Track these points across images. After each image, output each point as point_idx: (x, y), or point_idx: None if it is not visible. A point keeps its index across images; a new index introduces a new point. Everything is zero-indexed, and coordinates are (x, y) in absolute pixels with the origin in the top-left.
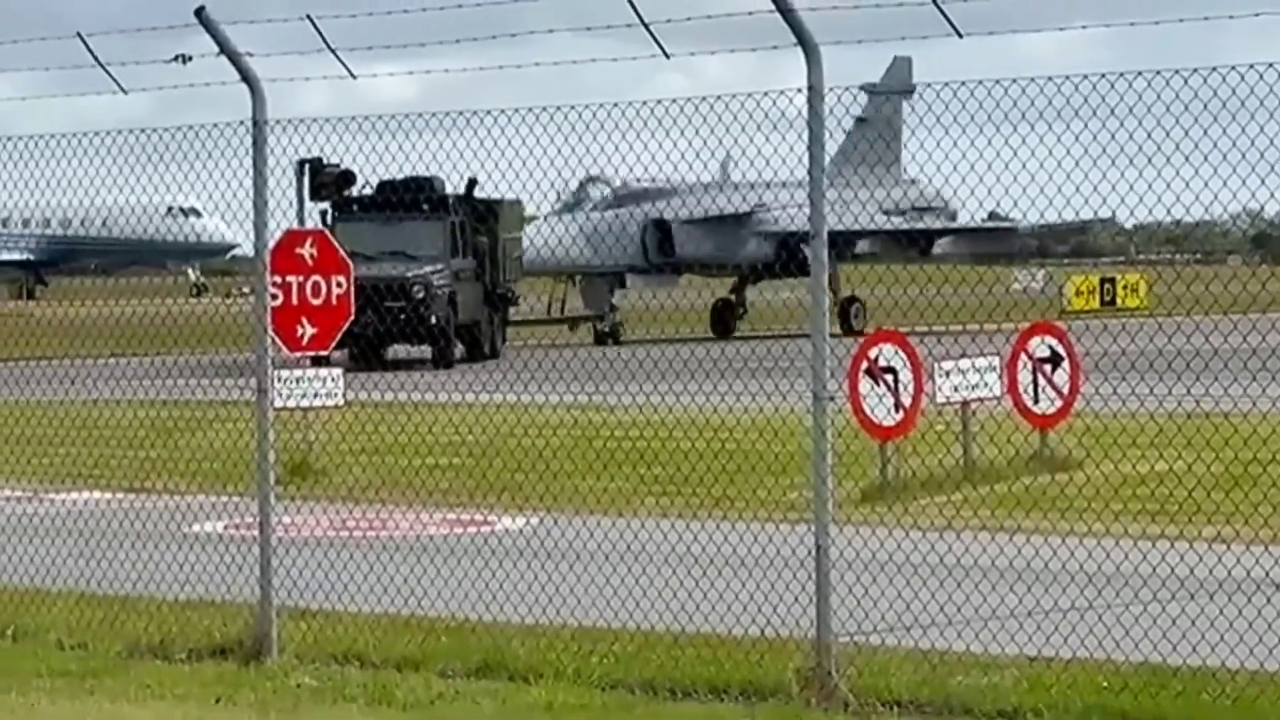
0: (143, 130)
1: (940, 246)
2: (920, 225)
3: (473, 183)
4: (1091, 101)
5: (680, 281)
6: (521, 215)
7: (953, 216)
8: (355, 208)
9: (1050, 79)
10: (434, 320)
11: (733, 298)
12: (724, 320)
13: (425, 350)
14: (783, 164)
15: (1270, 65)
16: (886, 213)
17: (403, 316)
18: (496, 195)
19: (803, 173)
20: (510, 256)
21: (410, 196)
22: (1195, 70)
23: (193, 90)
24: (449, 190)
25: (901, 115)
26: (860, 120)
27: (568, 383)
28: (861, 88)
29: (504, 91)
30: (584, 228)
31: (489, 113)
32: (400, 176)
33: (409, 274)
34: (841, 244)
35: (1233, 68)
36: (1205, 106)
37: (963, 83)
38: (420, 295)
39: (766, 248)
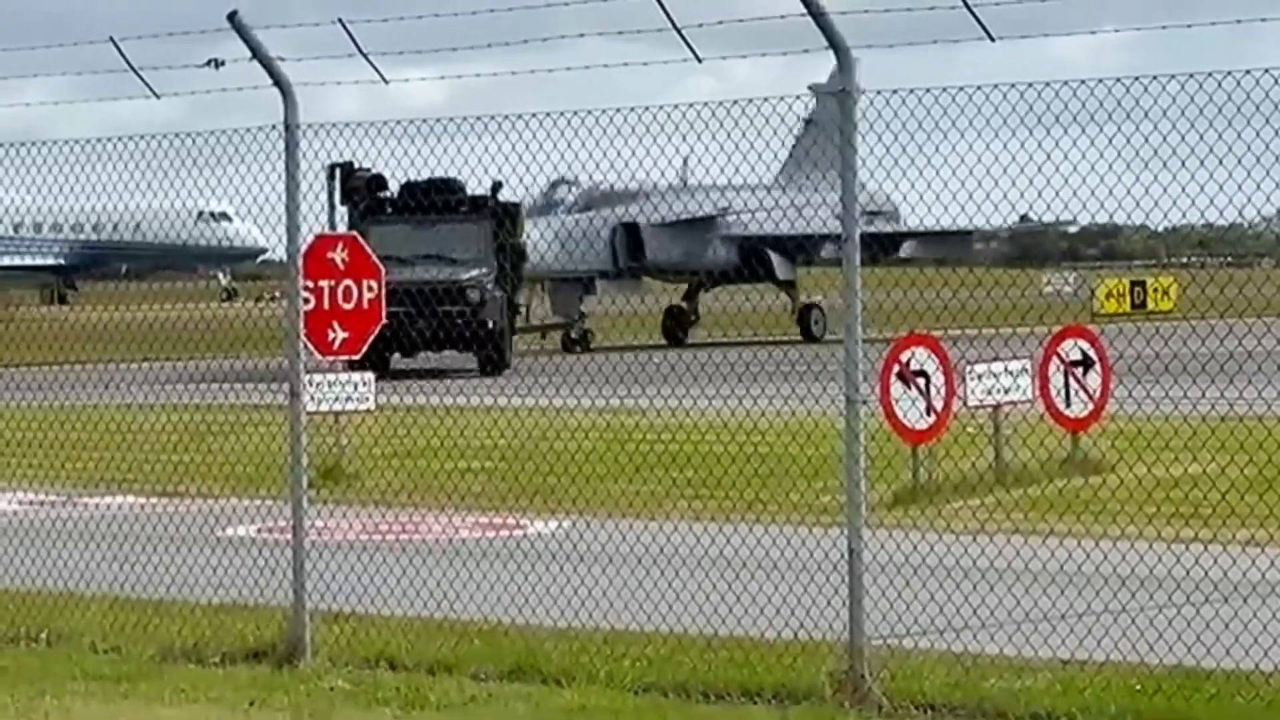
0: (174, 135)
1: (906, 250)
2: (874, 229)
3: (497, 186)
4: (1125, 105)
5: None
6: (523, 220)
7: (900, 220)
8: (385, 210)
9: (1084, 82)
10: (491, 324)
11: (684, 305)
12: (677, 327)
13: (443, 358)
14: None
15: None
16: (838, 218)
17: (460, 321)
18: (514, 199)
19: (765, 174)
20: (520, 262)
21: (442, 199)
22: (1229, 73)
23: (225, 95)
24: (470, 193)
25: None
26: (808, 122)
27: (599, 386)
28: (810, 88)
29: (534, 96)
30: (557, 232)
31: (519, 116)
32: (421, 179)
33: (463, 276)
34: (809, 249)
35: (1266, 70)
36: (1239, 109)
37: (995, 86)
38: (476, 299)
39: (730, 252)
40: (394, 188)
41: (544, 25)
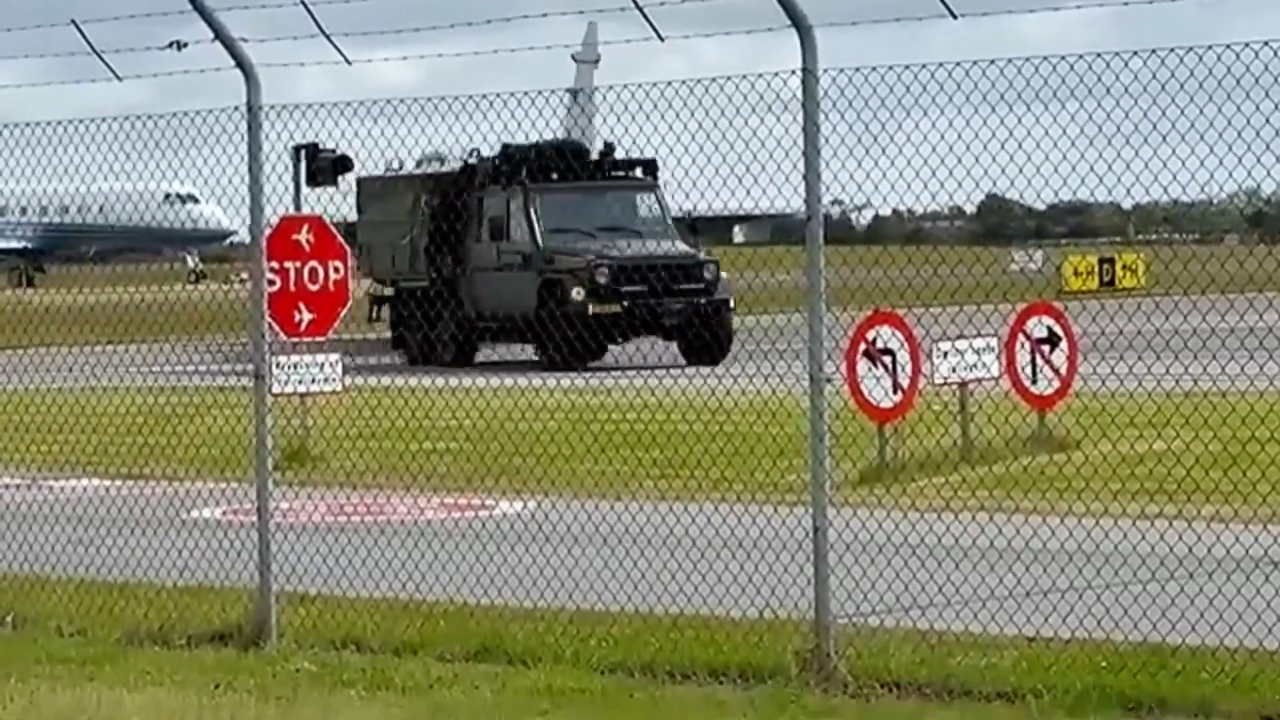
0: (139, 117)
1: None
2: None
3: (610, 147)
4: (1087, 81)
5: None
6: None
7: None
8: (547, 177)
9: (1045, 58)
10: (728, 305)
11: None
12: None
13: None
14: (777, 146)
15: (1266, 43)
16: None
17: (696, 302)
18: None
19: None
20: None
21: (607, 162)
22: (1190, 49)
23: (195, 77)
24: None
25: (592, 83)
26: (572, 92)
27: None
28: (574, 57)
29: (504, 76)
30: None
31: (484, 96)
32: (545, 140)
33: (689, 251)
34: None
35: (1227, 46)
36: (1201, 85)
37: (957, 63)
38: (711, 276)
39: None
40: (409, 164)
41: (511, 5)
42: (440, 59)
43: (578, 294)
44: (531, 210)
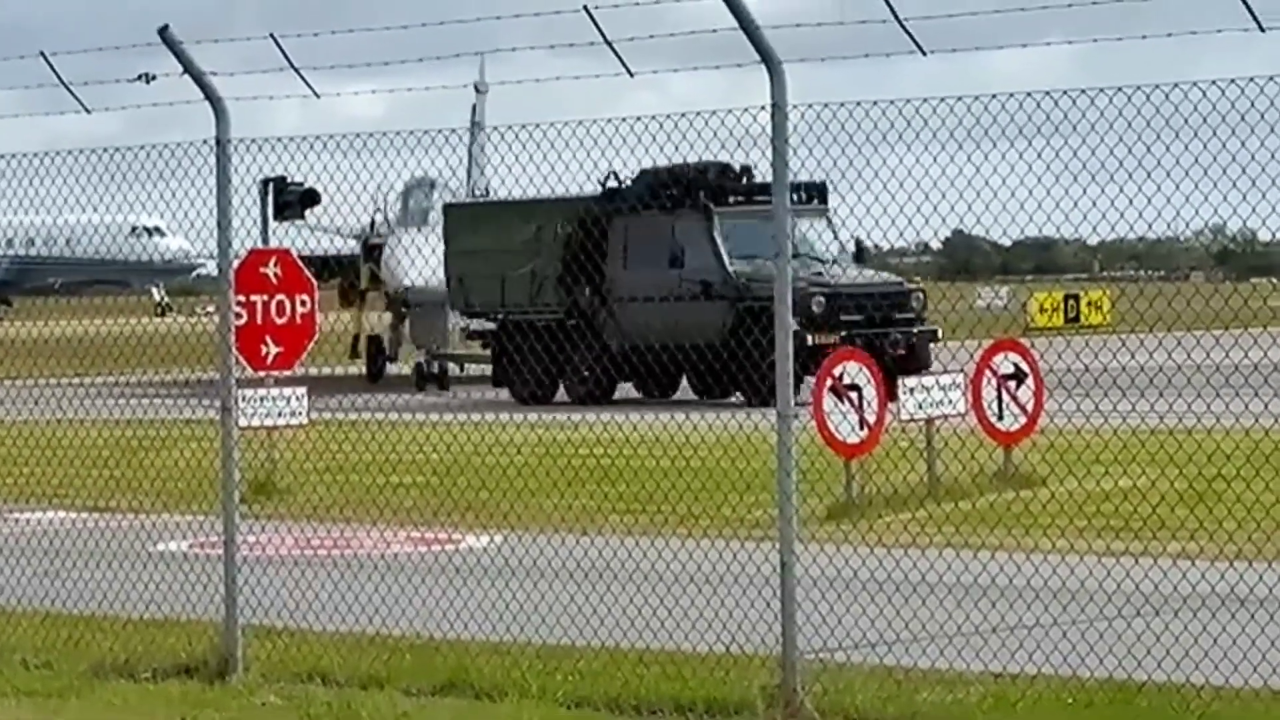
0: (105, 150)
1: None
2: None
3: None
4: (1054, 119)
5: None
6: None
7: None
8: (726, 200)
9: (1012, 95)
10: (934, 336)
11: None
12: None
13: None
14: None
15: (1233, 81)
16: None
17: (903, 335)
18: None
19: None
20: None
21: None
22: (1156, 86)
23: (165, 109)
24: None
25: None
26: (476, 124)
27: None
28: (475, 86)
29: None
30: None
31: (454, 130)
32: (691, 161)
33: (903, 281)
34: None
35: (1194, 84)
36: (1167, 122)
37: (925, 99)
38: (919, 306)
39: None
40: (451, 195)
41: (481, 39)
42: (409, 93)
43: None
44: (715, 235)
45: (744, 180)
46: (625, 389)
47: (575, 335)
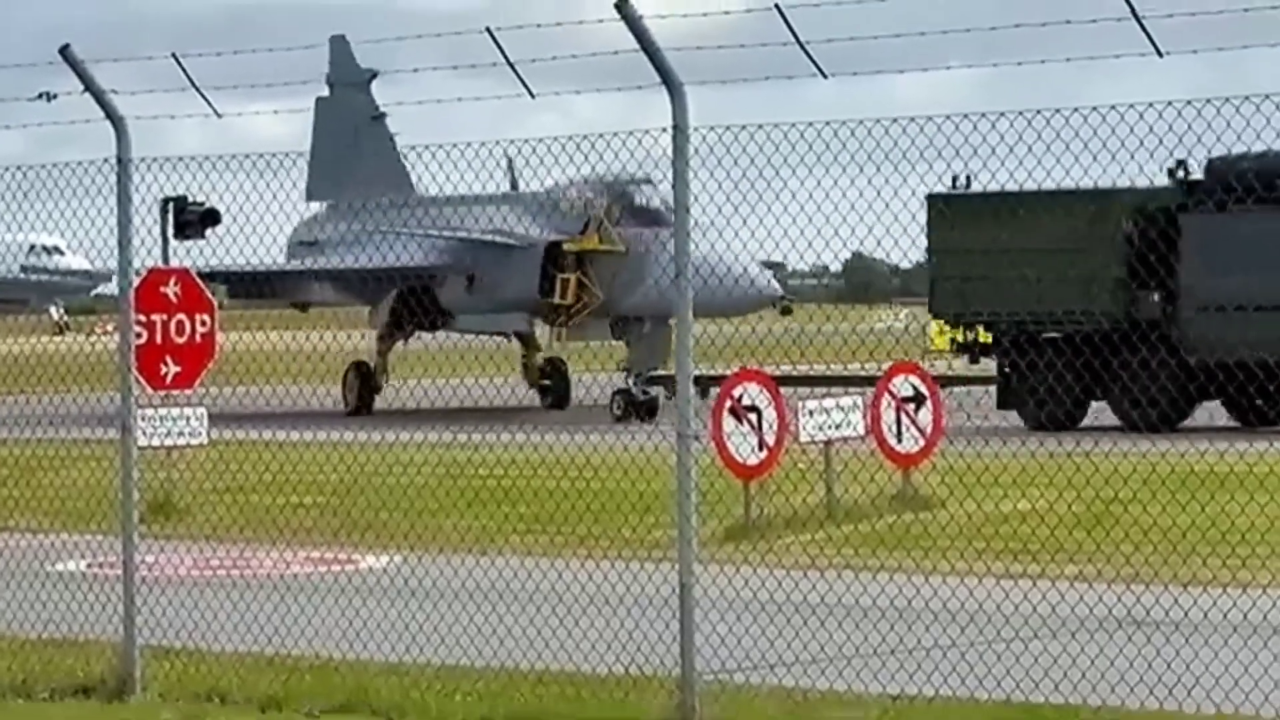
0: (5, 168)
1: None
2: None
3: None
4: (954, 142)
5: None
6: None
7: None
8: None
9: (913, 119)
10: None
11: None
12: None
13: None
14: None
15: (1131, 106)
16: None
17: None
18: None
19: None
20: None
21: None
22: (1057, 111)
23: (63, 128)
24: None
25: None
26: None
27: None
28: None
29: None
30: None
31: None
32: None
33: None
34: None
35: (1094, 108)
36: (1068, 147)
37: (826, 123)
38: None
39: None
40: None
41: (380, 60)
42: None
43: None
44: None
45: None
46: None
47: (1146, 348)
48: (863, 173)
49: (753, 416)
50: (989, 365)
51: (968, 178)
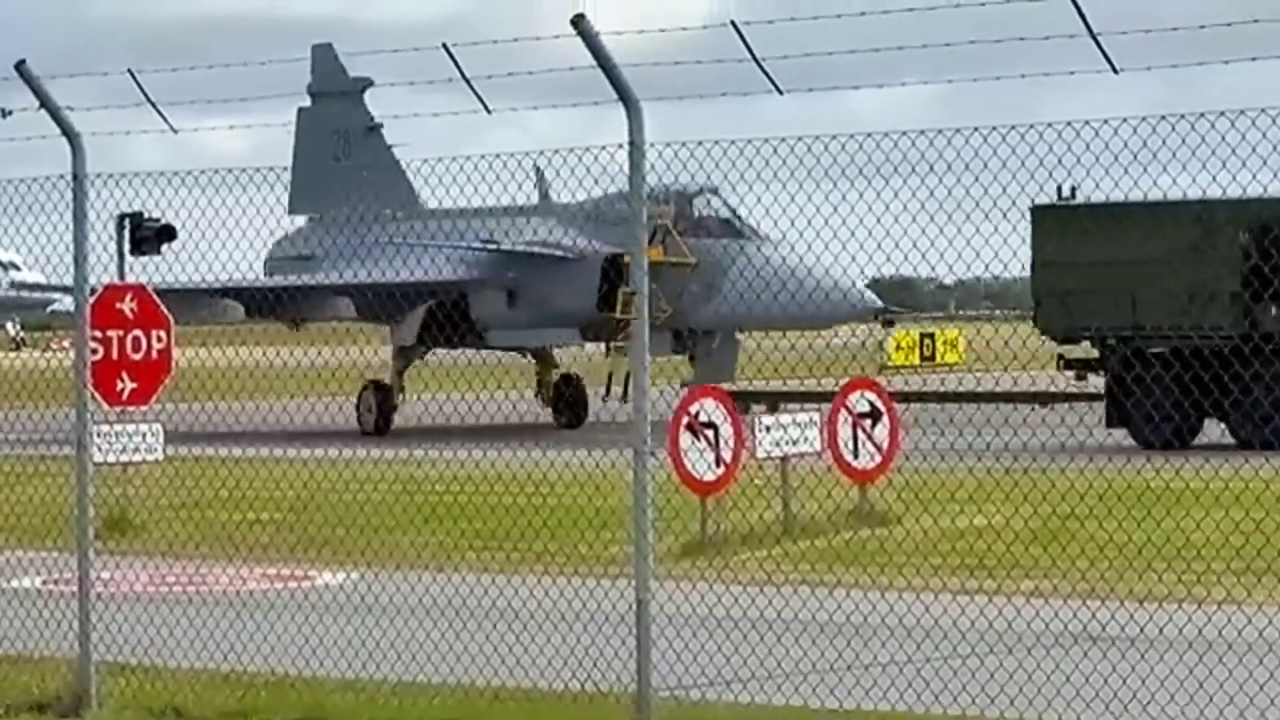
0: None
1: None
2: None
3: None
4: (910, 158)
5: None
6: None
7: None
8: None
9: (869, 134)
10: None
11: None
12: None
13: None
14: None
15: (1087, 123)
16: None
17: None
18: None
19: None
20: None
21: None
22: (1013, 127)
23: (19, 144)
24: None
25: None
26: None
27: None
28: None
29: None
30: None
31: None
32: None
33: None
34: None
35: (1049, 124)
36: (1023, 163)
37: (783, 139)
38: None
39: None
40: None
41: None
42: (268, 129)
43: None
44: None
45: None
46: None
47: (1261, 363)
48: (819, 188)
49: (709, 433)
50: (1096, 382)
51: (1073, 189)
